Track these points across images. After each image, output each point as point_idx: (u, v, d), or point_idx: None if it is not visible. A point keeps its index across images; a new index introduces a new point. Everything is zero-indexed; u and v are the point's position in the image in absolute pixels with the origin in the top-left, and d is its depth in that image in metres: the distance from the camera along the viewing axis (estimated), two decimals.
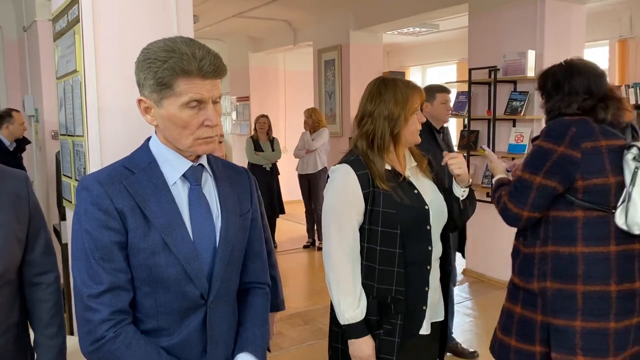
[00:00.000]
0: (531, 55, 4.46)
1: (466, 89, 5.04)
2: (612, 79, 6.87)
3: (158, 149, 1.27)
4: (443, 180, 1.99)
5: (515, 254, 2.06)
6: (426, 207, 1.80)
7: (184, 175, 1.27)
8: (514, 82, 4.72)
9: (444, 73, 9.26)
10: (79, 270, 1.19)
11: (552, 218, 1.90)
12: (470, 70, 4.94)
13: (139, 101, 1.24)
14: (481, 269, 5.24)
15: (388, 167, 1.80)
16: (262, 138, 6.36)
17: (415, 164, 1.88)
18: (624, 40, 6.72)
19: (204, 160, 1.31)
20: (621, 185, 1.81)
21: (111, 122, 2.06)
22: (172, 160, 1.26)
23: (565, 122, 1.88)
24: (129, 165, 1.25)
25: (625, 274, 1.84)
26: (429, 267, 1.81)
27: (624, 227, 1.80)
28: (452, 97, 3.57)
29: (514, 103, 4.64)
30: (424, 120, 1.86)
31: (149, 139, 1.30)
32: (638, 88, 6.41)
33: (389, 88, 1.80)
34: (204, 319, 1.27)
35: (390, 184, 1.77)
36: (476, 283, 5.17)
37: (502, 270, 4.98)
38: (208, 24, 7.71)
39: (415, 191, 1.82)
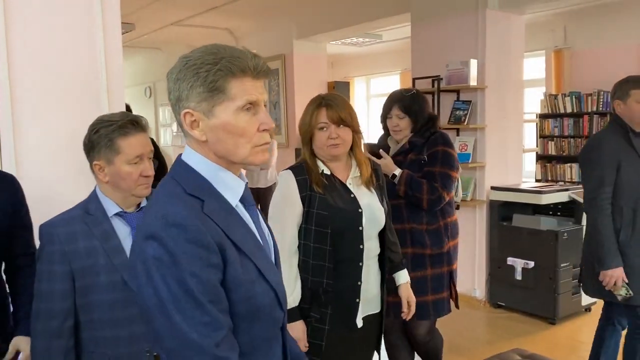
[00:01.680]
0: (473, 64, 4.47)
1: None
2: (549, 88, 7.06)
3: (210, 169, 1.12)
4: (384, 189, 2.24)
5: (419, 233, 2.66)
6: (359, 210, 2.03)
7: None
8: (457, 92, 4.73)
9: (388, 83, 9.31)
10: (188, 322, 1.00)
11: (450, 198, 2.74)
12: (413, 79, 4.92)
13: (185, 115, 1.09)
14: None
15: (327, 172, 2.06)
16: None
17: (359, 174, 2.10)
18: (559, 50, 6.93)
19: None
20: None
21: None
22: (229, 182, 1.14)
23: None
24: (193, 192, 1.09)
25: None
26: (361, 264, 2.03)
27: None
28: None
29: (458, 112, 4.64)
30: (335, 136, 2.01)
31: (180, 159, 1.15)
32: (574, 97, 6.61)
33: (307, 105, 2.08)
34: (283, 344, 1.24)
35: (326, 188, 2.02)
36: None
37: None
38: (145, 32, 7.43)
39: (352, 195, 2.05)
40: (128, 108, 4.99)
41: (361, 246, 2.03)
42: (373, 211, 2.09)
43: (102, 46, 2.39)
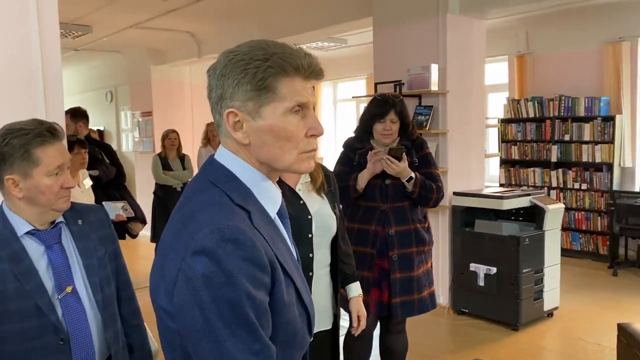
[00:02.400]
0: (434, 69, 4.43)
1: None
2: (512, 93, 7.11)
3: (253, 177, 1.02)
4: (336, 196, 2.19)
5: (420, 231, 2.81)
6: (309, 216, 1.96)
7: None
8: (419, 97, 4.68)
9: (354, 88, 9.27)
10: (239, 350, 0.90)
11: None
12: (376, 84, 4.87)
13: (228, 114, 0.99)
14: None
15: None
16: (171, 156, 5.95)
17: (309, 179, 2.04)
18: (521, 55, 6.98)
19: None
20: None
21: None
22: (270, 192, 1.04)
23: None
24: (240, 202, 0.98)
25: None
26: (310, 274, 1.94)
27: None
28: (359, 112, 3.46)
29: (419, 117, 4.60)
30: None
31: (215, 161, 1.04)
32: (536, 102, 6.66)
33: None
34: None
35: None
36: None
37: None
38: (103, 34, 7.22)
39: (301, 202, 1.97)
40: (85, 114, 4.76)
41: (310, 255, 1.96)
42: (323, 218, 2.03)
43: (38, 49, 2.24)
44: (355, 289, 2.25)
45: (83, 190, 3.50)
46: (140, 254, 6.94)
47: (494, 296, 4.30)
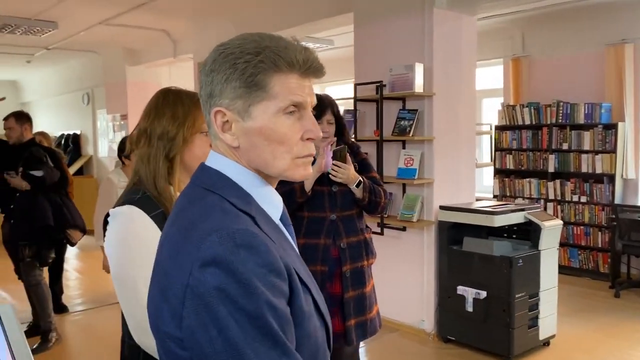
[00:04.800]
0: (419, 69, 3.98)
1: (367, 108, 4.49)
2: (507, 99, 6.67)
3: (251, 181, 0.95)
4: None
5: (369, 242, 2.59)
6: None
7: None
8: (403, 99, 4.23)
9: (343, 91, 8.86)
10: None
11: None
12: (355, 85, 4.42)
13: (216, 114, 0.92)
14: None
15: None
16: None
17: None
18: (517, 58, 6.55)
19: None
20: None
21: None
22: (269, 196, 0.97)
23: None
24: (241, 206, 0.90)
25: None
26: None
27: None
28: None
29: (402, 122, 4.14)
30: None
31: (207, 167, 0.96)
32: (532, 108, 6.22)
33: (169, 101, 1.49)
34: None
35: None
36: None
37: (398, 309, 4.44)
38: (72, 32, 6.78)
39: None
40: (29, 117, 4.38)
41: None
42: None
43: None
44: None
45: None
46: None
47: (484, 323, 3.84)
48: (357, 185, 2.48)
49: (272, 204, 0.97)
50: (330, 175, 2.44)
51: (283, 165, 0.93)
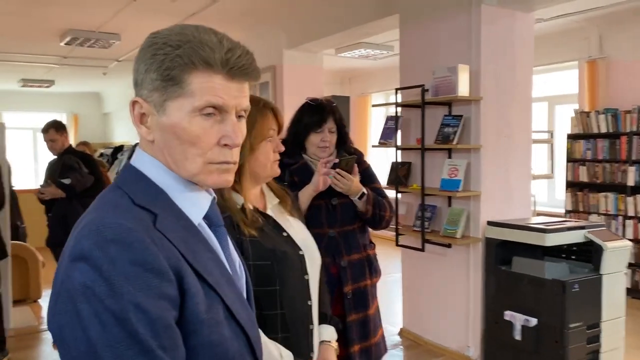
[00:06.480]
0: (463, 70, 3.65)
1: (412, 114, 4.21)
2: (582, 104, 6.09)
3: (166, 176, 0.90)
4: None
5: (373, 259, 2.36)
6: (300, 252, 1.54)
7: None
8: (449, 105, 3.91)
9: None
10: None
11: None
12: (396, 90, 4.15)
13: (133, 104, 0.90)
14: (417, 329, 4.34)
15: (250, 205, 1.50)
16: None
17: (278, 200, 1.63)
18: (593, 61, 5.97)
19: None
20: None
21: None
22: (190, 195, 0.92)
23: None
24: (143, 203, 0.85)
25: None
26: (311, 327, 1.53)
27: None
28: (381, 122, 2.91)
29: (446, 129, 3.81)
30: (282, 149, 1.58)
31: (129, 164, 0.94)
32: (610, 114, 5.63)
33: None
34: None
35: (257, 227, 1.46)
36: (412, 347, 4.27)
37: (442, 332, 4.09)
38: (135, 43, 6.98)
39: (285, 234, 1.55)
40: (65, 127, 4.47)
41: (309, 302, 1.54)
42: (311, 250, 1.60)
43: None
44: (327, 334, 1.65)
45: None
46: None
47: (534, 354, 3.41)
48: (360, 198, 2.26)
49: (194, 203, 0.92)
50: (331, 184, 2.22)
51: (194, 168, 0.88)
